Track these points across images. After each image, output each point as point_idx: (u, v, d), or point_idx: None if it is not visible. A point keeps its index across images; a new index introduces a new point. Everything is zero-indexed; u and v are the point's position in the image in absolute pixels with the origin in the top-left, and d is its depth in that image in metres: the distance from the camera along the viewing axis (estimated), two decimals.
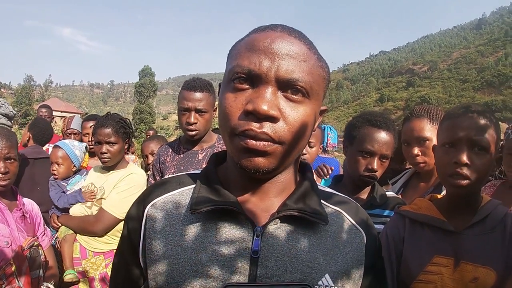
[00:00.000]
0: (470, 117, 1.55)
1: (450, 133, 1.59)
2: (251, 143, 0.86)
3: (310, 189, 1.04)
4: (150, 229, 1.02)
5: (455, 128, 1.57)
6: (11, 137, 2.50)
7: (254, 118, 0.86)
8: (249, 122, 0.86)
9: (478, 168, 1.51)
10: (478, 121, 1.53)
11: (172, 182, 1.10)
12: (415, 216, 1.69)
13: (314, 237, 0.98)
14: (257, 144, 0.86)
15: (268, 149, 0.87)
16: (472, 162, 1.50)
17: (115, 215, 2.93)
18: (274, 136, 0.87)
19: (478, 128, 1.52)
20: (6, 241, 2.23)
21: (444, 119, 1.67)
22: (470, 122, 1.54)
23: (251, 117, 0.87)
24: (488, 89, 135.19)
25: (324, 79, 0.97)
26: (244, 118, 0.87)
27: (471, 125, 1.53)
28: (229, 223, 0.96)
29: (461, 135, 1.54)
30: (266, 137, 0.86)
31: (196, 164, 2.81)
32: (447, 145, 1.59)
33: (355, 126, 2.18)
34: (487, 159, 1.52)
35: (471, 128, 1.53)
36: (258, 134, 0.86)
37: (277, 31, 0.92)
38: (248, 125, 0.86)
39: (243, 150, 0.88)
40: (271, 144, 0.87)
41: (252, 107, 0.85)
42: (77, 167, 3.52)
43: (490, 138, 1.52)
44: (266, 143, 0.87)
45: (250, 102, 0.87)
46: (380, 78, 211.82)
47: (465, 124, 1.55)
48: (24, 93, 67.33)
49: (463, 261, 1.51)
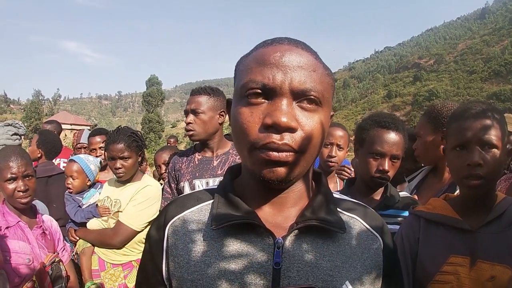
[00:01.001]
0: (476, 117, 1.56)
1: (459, 135, 1.59)
2: (273, 155, 0.88)
3: (326, 198, 1.05)
4: (172, 247, 1.03)
5: (463, 130, 1.57)
6: (25, 155, 2.55)
7: (274, 131, 0.88)
8: (270, 135, 0.88)
9: (491, 166, 1.51)
10: (484, 120, 1.54)
11: (190, 198, 1.12)
12: (430, 216, 1.68)
13: (333, 246, 1.00)
14: (279, 155, 0.88)
15: (290, 159, 0.89)
16: (484, 162, 1.50)
17: (132, 227, 2.96)
18: (295, 145, 0.89)
19: (485, 127, 1.53)
20: (28, 258, 2.28)
21: (451, 122, 1.67)
22: (477, 122, 1.54)
23: (271, 130, 0.88)
24: (496, 78, 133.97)
25: (332, 86, 1.00)
26: (264, 132, 0.89)
27: (478, 125, 1.54)
28: (249, 237, 0.98)
29: (470, 136, 1.54)
30: (288, 148, 0.88)
31: (211, 170, 2.84)
32: (457, 148, 1.59)
33: (364, 128, 2.19)
34: (498, 156, 1.52)
35: (479, 128, 1.53)
36: (280, 146, 0.87)
37: (284, 44, 0.94)
38: (269, 138, 0.87)
39: (265, 162, 0.90)
40: (293, 154, 0.89)
41: (271, 120, 0.87)
42: (92, 181, 3.55)
43: (498, 134, 1.52)
44: (288, 154, 0.88)
45: (268, 115, 0.88)
46: (386, 74, 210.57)
47: (473, 125, 1.55)
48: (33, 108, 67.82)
49: (480, 259, 1.49)
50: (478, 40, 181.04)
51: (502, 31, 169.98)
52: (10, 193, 2.40)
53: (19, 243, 2.31)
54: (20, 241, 2.32)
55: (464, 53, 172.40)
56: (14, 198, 2.41)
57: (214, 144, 2.93)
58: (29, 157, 2.57)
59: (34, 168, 2.61)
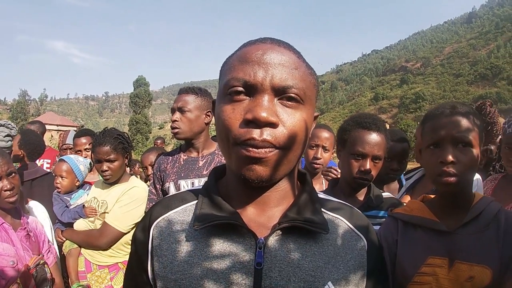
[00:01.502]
0: (448, 115, 1.58)
1: (432, 134, 1.61)
2: (253, 151, 0.88)
3: (310, 198, 1.06)
4: (156, 248, 1.04)
5: (437, 128, 1.59)
6: (4, 153, 2.51)
7: (254, 126, 0.88)
8: (250, 130, 0.89)
9: (464, 164, 1.52)
10: (457, 117, 1.55)
11: (175, 199, 1.13)
12: (407, 218, 1.69)
13: (315, 246, 1.00)
14: (259, 151, 0.88)
15: (269, 155, 0.89)
16: (457, 159, 1.52)
17: (118, 229, 2.95)
18: (275, 141, 0.89)
19: (458, 124, 1.54)
20: (12, 260, 2.24)
21: (425, 121, 1.69)
22: (449, 120, 1.56)
23: (251, 125, 0.89)
24: (482, 82, 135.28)
25: (315, 86, 1.00)
26: (245, 127, 0.89)
27: (451, 123, 1.55)
28: (231, 237, 0.99)
29: (443, 134, 1.56)
30: (268, 145, 0.88)
31: (196, 171, 2.84)
32: (431, 146, 1.61)
33: (346, 129, 2.20)
34: (472, 154, 1.53)
35: (452, 126, 1.55)
36: (260, 143, 0.88)
37: (267, 43, 0.96)
38: (249, 134, 0.88)
39: (245, 160, 0.90)
40: (272, 149, 0.90)
41: (252, 115, 0.88)
42: (81, 182, 3.55)
43: (472, 131, 1.53)
44: (267, 149, 0.89)
45: (249, 111, 0.89)
46: (373, 77, 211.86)
47: (445, 123, 1.57)
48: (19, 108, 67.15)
49: (458, 260, 1.51)
50: (465, 43, 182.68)
51: (489, 35, 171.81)
52: None
53: (3, 245, 2.26)
54: (4, 243, 2.28)
55: (450, 57, 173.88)
56: (1, 198, 2.37)
57: (199, 144, 2.92)
58: (8, 155, 2.52)
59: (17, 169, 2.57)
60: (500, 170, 3.10)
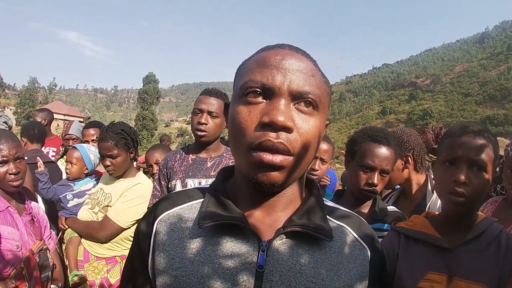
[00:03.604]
0: (470, 136, 1.58)
1: (450, 151, 1.61)
2: (267, 159, 0.88)
3: (316, 204, 1.05)
4: (159, 242, 1.04)
5: (455, 147, 1.59)
6: (15, 137, 2.53)
7: (270, 129, 0.88)
8: (266, 133, 0.88)
9: (475, 187, 1.53)
10: (477, 140, 1.55)
11: (181, 196, 1.13)
12: (409, 232, 1.69)
13: (318, 253, 1.00)
14: (273, 159, 0.88)
15: (284, 164, 0.90)
16: (470, 181, 1.52)
17: (119, 224, 2.97)
18: (289, 146, 0.89)
19: (477, 148, 1.54)
20: (16, 245, 2.26)
21: (445, 137, 1.70)
22: (470, 142, 1.56)
23: (267, 128, 0.89)
24: (490, 103, 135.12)
25: (328, 94, 1.01)
26: (260, 130, 0.89)
27: (471, 145, 1.56)
28: (235, 238, 0.98)
29: (460, 154, 1.56)
30: (283, 147, 0.88)
31: (204, 171, 2.85)
32: (447, 162, 1.61)
33: (357, 141, 2.21)
34: (484, 179, 1.54)
35: (471, 148, 1.55)
36: (276, 144, 0.88)
37: (285, 49, 0.97)
38: (265, 136, 0.88)
39: (259, 165, 0.90)
40: (286, 157, 0.90)
41: (269, 118, 0.88)
42: (90, 170, 3.66)
43: (488, 158, 1.54)
44: (282, 158, 0.89)
45: (265, 114, 0.89)
46: (382, 90, 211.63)
47: (465, 144, 1.57)
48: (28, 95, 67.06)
49: (456, 277, 1.51)
50: (476, 63, 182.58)
51: (500, 57, 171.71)
52: (1, 177, 2.37)
53: (8, 229, 2.28)
54: (9, 227, 2.30)
55: (461, 75, 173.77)
56: (5, 181, 2.39)
57: (212, 146, 2.93)
58: (18, 140, 2.54)
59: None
60: (501, 192, 3.10)
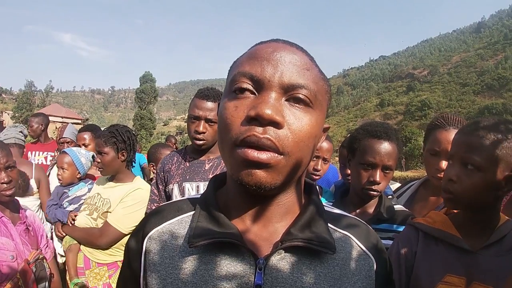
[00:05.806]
0: (466, 133, 1.53)
1: (449, 147, 1.61)
2: (252, 155, 0.81)
3: (316, 214, 0.98)
4: (149, 262, 0.98)
5: (451, 143, 1.60)
6: (4, 146, 2.50)
7: (257, 124, 0.82)
8: (251, 127, 0.82)
9: (464, 185, 1.48)
10: (475, 138, 1.47)
11: (171, 208, 1.06)
12: (429, 230, 1.62)
13: (320, 267, 0.93)
14: (259, 156, 0.81)
15: (271, 162, 0.82)
16: (459, 179, 1.49)
17: (120, 230, 2.93)
18: (278, 143, 0.82)
19: (471, 145, 1.47)
20: (11, 255, 2.22)
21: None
22: (466, 139, 1.51)
23: (254, 122, 0.82)
24: (488, 92, 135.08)
25: (327, 92, 0.95)
26: (246, 125, 0.83)
27: (464, 142, 1.51)
28: (229, 256, 0.91)
29: (453, 151, 1.54)
30: (270, 144, 0.81)
31: (202, 174, 2.77)
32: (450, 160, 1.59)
33: (356, 138, 2.13)
34: (478, 178, 1.46)
35: (464, 146, 1.50)
36: (261, 140, 0.80)
37: (278, 43, 0.91)
38: (250, 131, 0.81)
39: (244, 163, 0.83)
40: (275, 155, 0.82)
41: (255, 112, 0.81)
42: (82, 174, 3.57)
43: (485, 156, 1.44)
44: (269, 155, 0.81)
45: (252, 108, 0.83)
46: (380, 83, 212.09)
47: (460, 141, 1.53)
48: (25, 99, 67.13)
49: (476, 282, 1.45)
50: (473, 53, 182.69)
51: (497, 46, 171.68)
52: None
53: (2, 239, 2.24)
54: (3, 237, 2.25)
55: (458, 66, 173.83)
56: None
57: (210, 149, 2.86)
58: (7, 148, 2.51)
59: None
60: None
